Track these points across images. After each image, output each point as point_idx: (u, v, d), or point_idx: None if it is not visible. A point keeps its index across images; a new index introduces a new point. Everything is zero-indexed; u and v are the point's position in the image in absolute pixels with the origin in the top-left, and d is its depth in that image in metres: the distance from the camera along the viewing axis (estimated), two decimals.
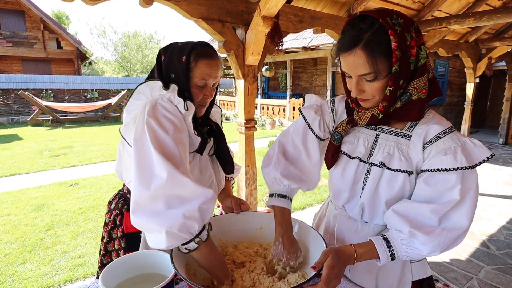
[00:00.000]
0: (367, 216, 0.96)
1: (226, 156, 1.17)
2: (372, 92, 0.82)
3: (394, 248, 0.81)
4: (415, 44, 0.78)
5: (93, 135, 9.25)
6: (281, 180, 0.99)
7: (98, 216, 3.67)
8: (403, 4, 3.64)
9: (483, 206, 3.95)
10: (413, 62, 0.79)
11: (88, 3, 1.76)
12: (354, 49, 0.77)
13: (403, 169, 0.86)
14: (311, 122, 1.01)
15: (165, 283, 0.77)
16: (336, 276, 0.77)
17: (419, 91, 0.82)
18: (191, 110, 0.97)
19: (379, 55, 0.76)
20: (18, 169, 5.59)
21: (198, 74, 1.00)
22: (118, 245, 1.15)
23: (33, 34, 16.18)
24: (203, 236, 0.83)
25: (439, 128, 0.85)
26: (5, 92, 12.16)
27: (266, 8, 2.21)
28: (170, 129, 0.88)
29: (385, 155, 0.89)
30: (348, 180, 0.96)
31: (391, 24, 0.75)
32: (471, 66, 5.59)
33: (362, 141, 0.95)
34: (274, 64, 11.19)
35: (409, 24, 0.79)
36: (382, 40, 0.75)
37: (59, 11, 26.95)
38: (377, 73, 0.78)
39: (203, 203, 0.80)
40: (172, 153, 0.84)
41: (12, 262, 2.70)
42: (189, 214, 0.78)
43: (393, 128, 0.91)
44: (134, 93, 0.97)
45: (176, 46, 1.02)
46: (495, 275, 2.51)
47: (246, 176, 2.76)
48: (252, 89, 2.66)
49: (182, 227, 0.77)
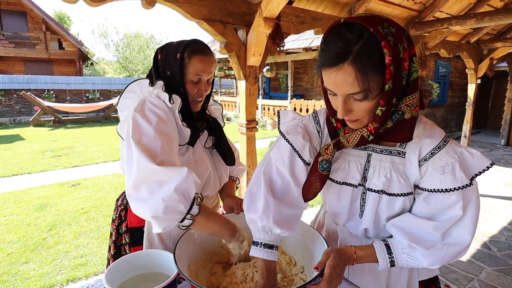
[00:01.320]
0: (371, 234, 0.95)
1: (225, 148, 1.19)
2: (361, 112, 0.72)
3: (395, 255, 0.81)
4: (407, 56, 0.69)
5: (95, 136, 9.27)
6: (271, 229, 0.83)
7: (100, 216, 3.69)
8: (404, 5, 3.64)
9: (484, 207, 3.94)
10: (405, 77, 0.70)
11: (91, 4, 1.78)
12: (342, 64, 0.65)
13: (403, 192, 0.83)
14: (301, 150, 0.88)
15: (168, 282, 0.78)
16: (338, 275, 0.78)
17: (412, 108, 0.73)
18: (177, 103, 1.01)
19: (370, 71, 0.65)
20: (20, 169, 5.61)
21: (192, 70, 1.04)
22: (124, 240, 1.18)
23: (35, 35, 16.24)
24: (194, 211, 0.85)
25: (432, 142, 0.79)
26: (7, 93, 12.21)
27: (267, 9, 2.22)
28: (153, 120, 0.92)
29: (383, 181, 0.83)
30: (345, 205, 0.91)
31: (384, 34, 0.64)
32: (473, 67, 5.59)
33: (354, 165, 0.87)
34: (275, 65, 11.21)
35: (401, 33, 0.69)
36: (375, 53, 0.64)
37: (61, 12, 27.05)
38: (367, 91, 0.67)
39: (179, 184, 0.81)
40: (152, 144, 0.87)
41: (14, 262, 2.71)
42: (167, 198, 0.80)
43: (384, 147, 0.84)
44: (125, 92, 1.02)
45: (171, 45, 1.07)
46: (496, 276, 2.51)
47: (248, 177, 2.77)
48: (254, 90, 2.67)
49: (166, 210, 0.80)
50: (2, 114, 12.16)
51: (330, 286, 0.76)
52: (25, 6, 15.54)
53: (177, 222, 0.84)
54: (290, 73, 10.54)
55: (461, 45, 5.13)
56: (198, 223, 0.87)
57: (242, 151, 2.75)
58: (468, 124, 5.83)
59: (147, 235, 1.11)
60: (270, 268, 0.84)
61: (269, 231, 0.84)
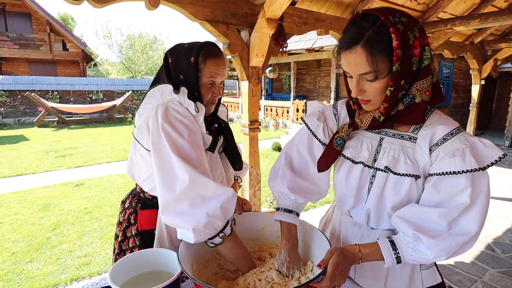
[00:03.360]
0: (373, 222, 0.95)
1: (234, 153, 1.19)
2: (372, 92, 0.79)
3: (400, 251, 0.80)
4: (418, 44, 0.75)
5: (98, 136, 9.33)
6: (287, 194, 0.96)
7: (104, 216, 3.71)
8: (407, 6, 3.64)
9: (489, 209, 3.92)
10: (415, 63, 0.76)
11: (96, 5, 1.79)
12: (355, 46, 0.75)
13: (409, 173, 0.83)
14: (315, 129, 0.99)
15: (171, 281, 0.79)
16: (341, 274, 0.78)
17: (422, 93, 0.79)
18: (202, 111, 1.00)
19: (379, 53, 0.73)
20: (24, 170, 5.66)
21: (207, 73, 1.02)
22: (132, 243, 1.17)
23: (39, 36, 16.39)
24: (227, 231, 0.88)
25: (445, 129, 0.82)
26: (12, 94, 12.32)
27: (270, 10, 2.23)
28: (185, 133, 0.92)
29: (390, 159, 0.86)
30: (352, 186, 0.93)
31: (393, 22, 0.73)
32: (477, 68, 5.56)
33: (366, 146, 0.92)
34: (278, 66, 11.22)
35: (413, 24, 0.76)
36: (384, 38, 0.73)
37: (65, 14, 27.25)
38: (377, 72, 0.75)
39: (225, 201, 0.85)
40: (190, 156, 0.89)
41: (19, 261, 2.74)
42: (212, 213, 0.83)
43: (397, 131, 0.88)
44: (145, 97, 1.00)
45: (182, 48, 1.04)
46: (500, 278, 2.49)
47: (250, 177, 2.78)
48: (256, 91, 2.68)
49: (207, 224, 0.83)
50: (7, 115, 12.26)
51: (333, 284, 0.76)
52: (30, 7, 15.68)
53: (208, 238, 0.87)
54: (292, 74, 10.54)
55: (465, 45, 5.11)
56: (226, 245, 0.89)
57: (245, 151, 2.75)
58: (472, 125, 5.80)
59: (158, 237, 1.11)
60: (290, 230, 0.95)
61: (287, 197, 0.97)
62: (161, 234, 1.11)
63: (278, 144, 7.30)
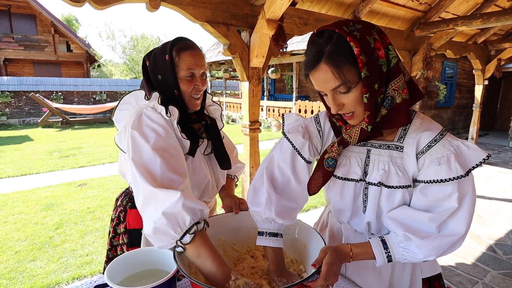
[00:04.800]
0: (373, 229, 0.96)
1: (222, 153, 1.18)
2: (351, 104, 0.78)
3: (391, 250, 0.81)
4: (381, 46, 0.75)
5: (102, 136, 9.39)
6: (274, 219, 0.91)
7: (106, 215, 3.74)
8: (409, 6, 3.63)
9: (491, 210, 3.89)
10: (384, 64, 0.76)
11: (97, 7, 1.82)
12: (318, 64, 0.75)
13: (401, 185, 0.84)
14: (300, 148, 0.94)
15: (167, 278, 0.80)
16: (334, 273, 0.79)
17: (400, 92, 0.78)
18: (175, 115, 0.99)
19: (344, 64, 0.73)
20: (28, 169, 5.72)
21: (183, 66, 1.02)
22: (121, 240, 1.19)
23: (44, 38, 16.54)
24: (185, 239, 0.83)
25: (429, 135, 0.82)
26: (17, 94, 12.44)
27: (270, 11, 2.24)
28: (151, 138, 0.91)
29: (381, 173, 0.86)
30: (348, 201, 0.94)
31: (349, 31, 0.73)
32: (480, 68, 5.52)
33: (355, 161, 0.91)
34: (280, 66, 11.22)
35: (369, 28, 0.76)
36: (344, 49, 0.73)
37: (69, 15, 27.48)
38: (347, 83, 0.74)
39: (167, 208, 0.81)
40: (150, 164, 0.87)
41: (22, 259, 2.77)
42: (157, 220, 0.81)
43: (383, 142, 0.88)
44: (120, 103, 1.02)
45: (157, 50, 1.06)
46: (501, 279, 2.48)
47: (251, 178, 2.79)
48: (257, 91, 2.69)
49: (156, 231, 0.82)
50: (11, 116, 12.38)
51: (327, 283, 0.77)
52: (35, 9, 15.83)
53: (170, 246, 0.85)
54: (295, 75, 10.54)
55: (468, 45, 5.08)
56: (188, 254, 0.84)
57: (246, 152, 2.76)
58: (475, 126, 5.76)
59: (144, 237, 1.13)
60: (277, 254, 0.92)
61: (272, 221, 0.92)
62: None
63: None
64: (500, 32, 5.41)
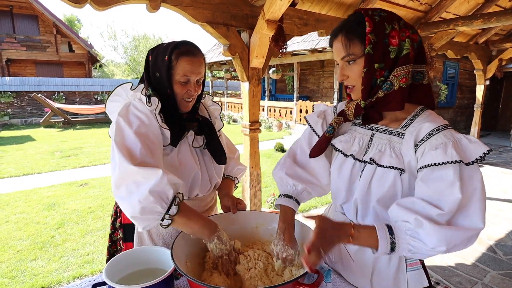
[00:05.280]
0: (359, 216, 0.96)
1: (216, 147, 1.19)
2: (353, 77, 0.87)
3: (397, 237, 0.76)
4: (397, 36, 0.81)
5: (103, 136, 9.42)
6: (286, 179, 1.04)
7: (107, 215, 3.75)
8: (409, 6, 3.63)
9: (491, 210, 3.89)
10: (393, 51, 0.82)
11: (97, 8, 1.83)
12: (337, 35, 0.86)
13: (393, 165, 0.85)
14: (314, 125, 1.08)
15: (165, 277, 0.81)
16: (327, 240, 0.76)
17: (399, 79, 0.83)
18: (155, 104, 1.03)
19: (355, 38, 0.83)
20: (30, 169, 5.75)
21: (180, 71, 1.05)
22: (118, 234, 1.22)
23: (46, 38, 16.61)
24: (172, 211, 0.89)
25: (431, 125, 0.83)
26: (19, 95, 12.51)
27: (270, 12, 2.25)
28: (134, 123, 0.97)
29: (375, 152, 0.91)
30: (344, 179, 0.97)
31: (371, 14, 0.82)
32: (481, 68, 5.51)
33: (357, 140, 0.97)
34: (281, 66, 11.22)
35: (393, 18, 0.83)
36: (359, 27, 0.82)
37: (71, 16, 27.58)
38: (352, 55, 0.84)
39: (154, 185, 0.85)
40: (132, 146, 0.92)
41: (24, 258, 2.79)
42: (143, 199, 0.84)
43: (388, 127, 0.92)
44: (111, 95, 1.08)
45: (161, 47, 1.08)
46: (501, 280, 2.48)
47: (251, 178, 2.80)
48: (257, 92, 2.70)
49: (143, 211, 0.85)
50: (14, 116, 12.45)
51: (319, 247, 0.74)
52: (37, 10, 15.90)
53: (156, 222, 0.88)
54: (296, 75, 10.54)
55: (469, 46, 5.07)
56: (177, 222, 0.91)
57: (246, 152, 2.77)
58: (477, 126, 5.75)
59: (137, 231, 1.14)
60: (286, 213, 1.01)
61: (286, 183, 1.05)
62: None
63: (281, 145, 7.31)
64: (502, 32, 5.39)
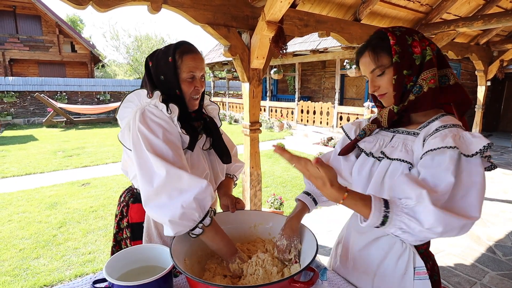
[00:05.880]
0: None
1: (222, 147, 1.22)
2: (384, 86, 0.94)
3: (391, 211, 0.76)
4: (418, 45, 0.90)
5: (105, 136, 9.47)
6: None
7: (108, 214, 3.78)
8: (410, 7, 3.64)
9: (492, 211, 3.89)
10: (417, 58, 0.89)
11: (100, 10, 1.86)
12: (363, 52, 0.95)
13: (400, 158, 0.91)
14: (348, 131, 1.16)
15: (163, 274, 0.83)
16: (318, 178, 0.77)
17: (427, 82, 0.89)
18: (175, 112, 1.06)
19: (381, 51, 0.91)
20: (33, 169, 5.79)
21: (185, 69, 1.08)
22: (125, 234, 1.24)
23: (48, 38, 16.69)
24: (206, 222, 0.94)
25: (441, 123, 0.88)
26: (22, 95, 12.58)
27: (270, 13, 2.26)
28: (159, 133, 0.99)
29: (388, 147, 0.97)
30: (363, 176, 1.02)
31: (392, 30, 0.92)
32: (482, 69, 5.51)
33: (379, 141, 1.03)
34: (283, 67, 11.24)
35: (412, 32, 0.92)
36: (383, 41, 0.91)
37: (73, 16, 27.69)
38: (381, 67, 0.91)
39: (198, 193, 0.90)
40: (165, 153, 0.95)
41: (26, 257, 2.82)
42: (186, 205, 0.89)
43: (407, 129, 0.98)
44: (124, 101, 1.08)
45: (160, 51, 1.11)
46: (500, 280, 2.48)
47: (251, 178, 2.81)
48: (257, 92, 2.71)
49: (183, 216, 0.89)
50: (16, 115, 12.53)
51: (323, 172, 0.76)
52: (40, 10, 15.98)
53: (188, 230, 0.92)
54: (297, 75, 10.55)
55: (470, 46, 5.06)
56: (207, 234, 0.95)
57: (246, 152, 2.79)
58: (478, 127, 5.74)
59: (146, 230, 1.17)
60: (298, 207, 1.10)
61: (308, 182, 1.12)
62: (149, 228, 1.16)
63: (282, 145, 7.33)
64: (503, 33, 5.38)
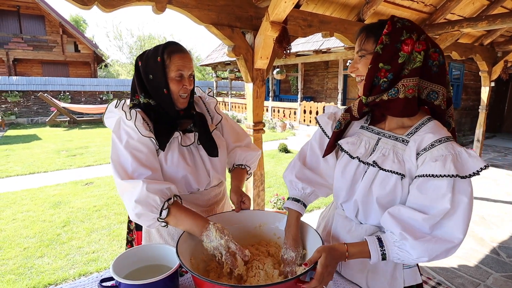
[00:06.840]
0: (361, 216, 0.99)
1: (209, 142, 1.20)
2: (361, 69, 0.94)
3: (386, 248, 0.84)
4: (411, 45, 0.84)
5: (108, 136, 9.50)
6: (296, 183, 1.08)
7: (112, 214, 3.80)
8: (414, 8, 3.62)
9: (496, 212, 3.87)
10: (402, 57, 0.85)
11: (105, 10, 1.87)
12: (361, 33, 0.94)
13: (394, 170, 0.89)
14: (324, 126, 1.12)
15: (170, 273, 0.84)
16: (329, 273, 0.82)
17: (406, 89, 0.87)
18: (134, 117, 1.08)
19: (371, 36, 0.90)
20: (37, 168, 5.82)
21: (173, 68, 1.10)
22: (133, 235, 1.27)
23: (52, 38, 16.78)
24: (163, 215, 0.99)
25: (435, 136, 0.87)
26: (25, 94, 12.66)
27: (274, 13, 2.26)
28: (123, 139, 1.06)
29: (378, 155, 0.94)
30: (347, 179, 1.00)
31: (395, 20, 0.87)
32: (486, 70, 5.48)
33: (364, 143, 1.00)
34: (286, 67, 11.24)
35: (414, 29, 0.86)
36: (380, 29, 0.88)
37: (77, 16, 27.81)
38: (363, 51, 0.91)
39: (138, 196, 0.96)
40: (122, 161, 1.03)
41: (30, 256, 2.84)
42: (132, 208, 0.97)
43: (394, 134, 0.96)
44: (105, 113, 1.15)
45: (149, 51, 1.14)
46: (504, 282, 2.47)
47: (254, 178, 2.82)
48: (261, 92, 2.72)
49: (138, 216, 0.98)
50: (20, 115, 12.60)
51: (322, 284, 0.80)
52: (43, 10, 16.07)
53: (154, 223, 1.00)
54: (300, 76, 10.54)
55: (474, 47, 5.04)
56: (170, 223, 1.01)
57: None
58: (481, 128, 5.71)
59: (145, 230, 1.18)
60: (292, 216, 1.05)
61: (295, 187, 1.09)
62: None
63: (285, 145, 7.32)
64: (507, 33, 5.35)
